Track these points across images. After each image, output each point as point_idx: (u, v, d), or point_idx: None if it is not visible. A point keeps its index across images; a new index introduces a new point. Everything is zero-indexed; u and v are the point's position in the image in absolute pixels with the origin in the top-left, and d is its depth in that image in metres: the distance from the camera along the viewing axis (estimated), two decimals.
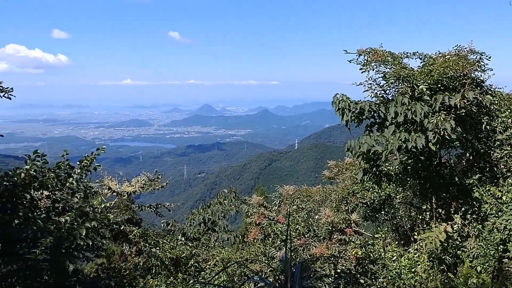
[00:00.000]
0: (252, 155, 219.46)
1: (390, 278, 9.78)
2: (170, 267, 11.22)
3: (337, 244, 10.14)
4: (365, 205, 13.55)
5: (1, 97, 7.23)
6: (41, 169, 7.06)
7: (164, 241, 12.11)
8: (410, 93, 9.50)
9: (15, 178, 6.69)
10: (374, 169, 10.18)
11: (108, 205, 11.53)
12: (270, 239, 10.35)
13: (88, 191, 7.67)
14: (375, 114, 9.71)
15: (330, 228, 10.30)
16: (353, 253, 9.92)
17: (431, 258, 9.96)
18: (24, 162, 7.02)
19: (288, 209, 11.76)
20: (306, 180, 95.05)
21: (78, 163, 7.63)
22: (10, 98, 7.28)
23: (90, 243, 6.80)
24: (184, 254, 11.26)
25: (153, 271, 11.15)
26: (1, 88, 7.15)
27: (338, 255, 9.80)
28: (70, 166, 7.41)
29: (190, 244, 12.61)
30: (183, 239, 13.71)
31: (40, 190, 6.91)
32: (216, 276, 8.92)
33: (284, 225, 10.52)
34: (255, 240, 11.03)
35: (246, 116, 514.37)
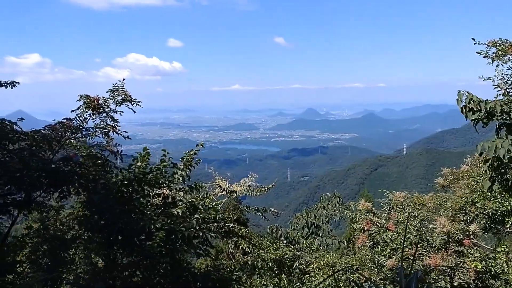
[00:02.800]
0: (356, 159, 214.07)
1: None
2: (274, 268, 11.35)
3: (454, 256, 9.40)
4: (486, 216, 12.38)
5: (129, 108, 8.41)
6: (152, 166, 7.63)
7: (268, 242, 12.28)
8: None
9: (130, 174, 7.30)
10: (500, 177, 9.17)
11: (218, 202, 12.02)
12: (379, 246, 9.94)
13: (194, 187, 8.06)
14: (505, 115, 8.69)
15: (446, 239, 9.57)
16: (472, 266, 9.11)
17: None
18: (137, 159, 7.64)
19: (404, 217, 11.16)
20: (415, 187, 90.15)
21: (180, 159, 8.09)
22: (134, 112, 8.49)
23: (201, 234, 7.13)
24: (286, 256, 11.31)
25: (259, 271, 11.35)
26: (130, 99, 8.38)
27: (454, 267, 9.08)
28: (173, 163, 7.91)
29: (292, 246, 12.63)
30: (285, 241, 13.80)
31: (152, 187, 7.44)
32: (322, 281, 8.79)
33: (395, 233, 10.03)
34: (362, 247, 10.69)
35: (351, 119, 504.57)
